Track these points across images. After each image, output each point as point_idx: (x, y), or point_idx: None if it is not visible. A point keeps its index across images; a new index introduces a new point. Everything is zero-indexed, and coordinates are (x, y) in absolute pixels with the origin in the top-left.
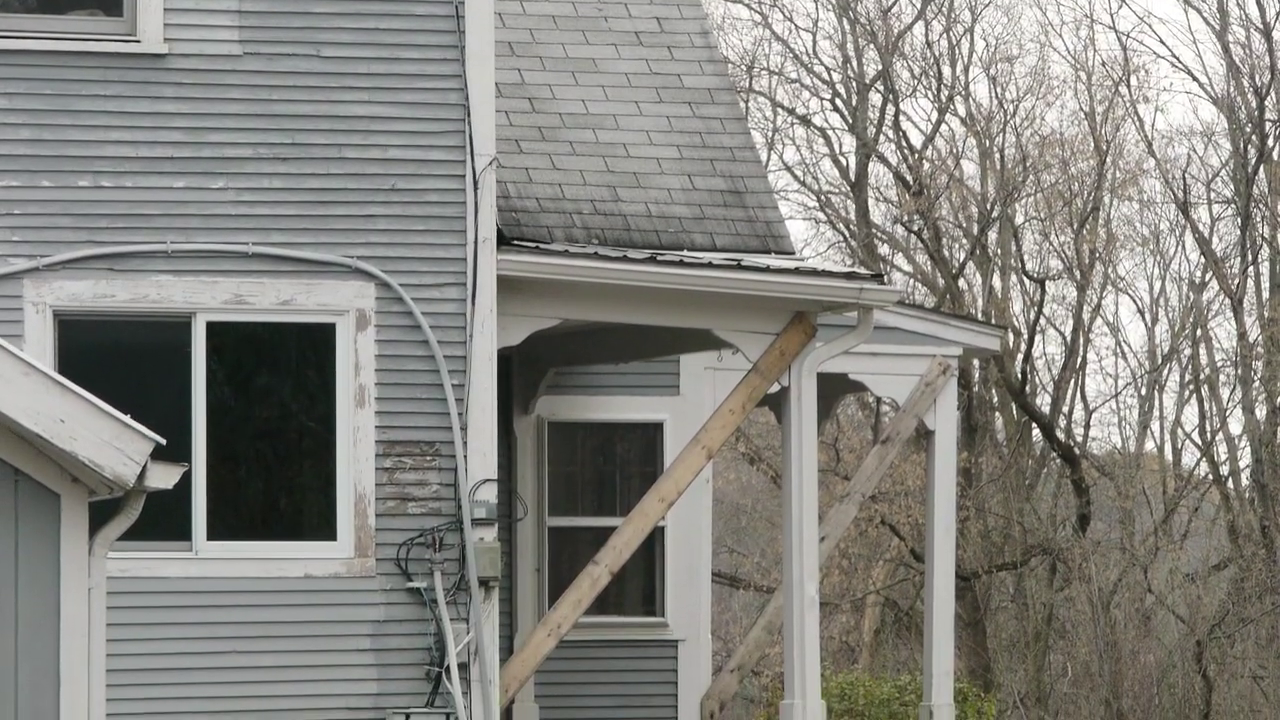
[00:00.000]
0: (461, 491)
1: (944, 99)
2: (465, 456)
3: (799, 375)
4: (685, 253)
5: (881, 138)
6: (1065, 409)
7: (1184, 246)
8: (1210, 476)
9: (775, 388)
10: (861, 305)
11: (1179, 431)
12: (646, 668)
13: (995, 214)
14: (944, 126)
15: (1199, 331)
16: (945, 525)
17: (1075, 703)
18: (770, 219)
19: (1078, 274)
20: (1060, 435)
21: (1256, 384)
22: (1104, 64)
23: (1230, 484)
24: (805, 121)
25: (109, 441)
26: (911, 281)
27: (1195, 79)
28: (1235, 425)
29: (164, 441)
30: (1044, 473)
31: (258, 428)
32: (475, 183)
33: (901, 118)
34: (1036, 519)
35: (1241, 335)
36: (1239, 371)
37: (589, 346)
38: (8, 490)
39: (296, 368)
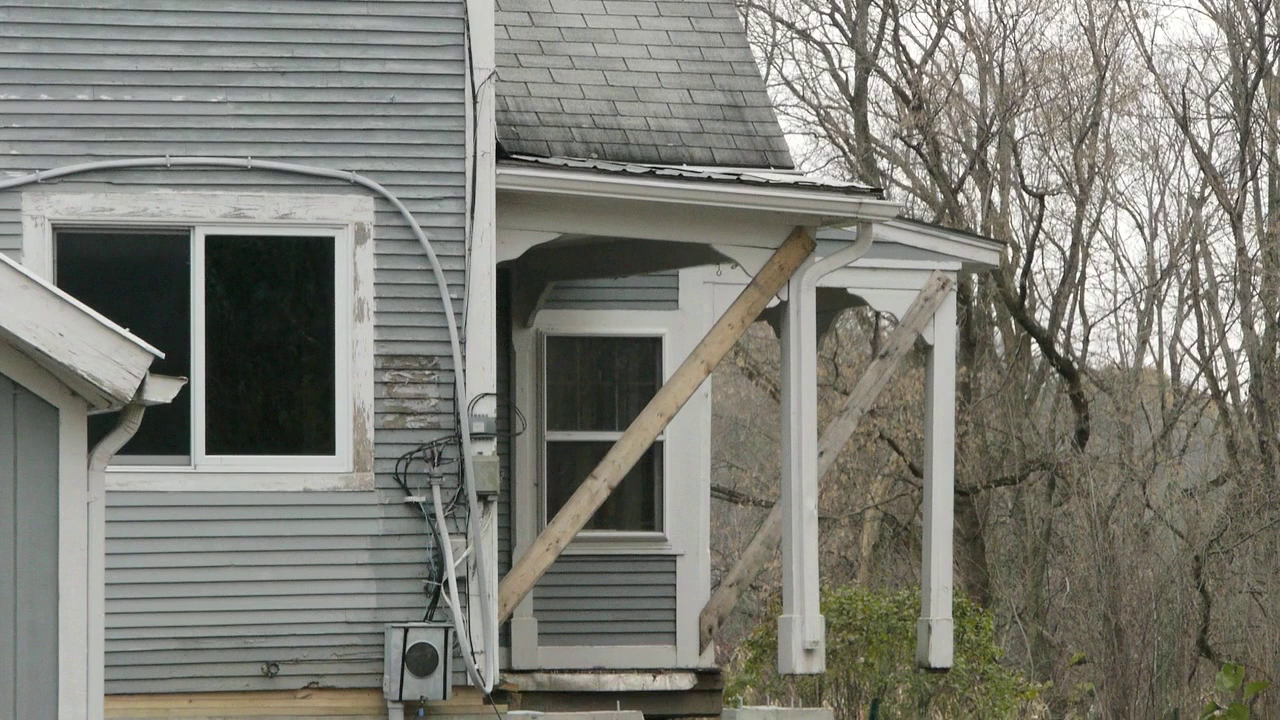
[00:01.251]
0: (460, 406)
1: (943, 13)
2: (464, 371)
3: (798, 290)
4: (684, 167)
5: (881, 52)
6: (1064, 324)
7: (1183, 162)
8: (1209, 391)
9: (774, 302)
10: (860, 220)
11: (1178, 346)
12: (645, 582)
13: (994, 129)
14: (943, 41)
15: (1198, 246)
16: (944, 440)
17: (1073, 617)
18: (769, 134)
19: (1077, 189)
20: (1059, 350)
21: (1255, 299)
22: None
23: (1229, 399)
24: (804, 36)
25: (108, 355)
26: (910, 196)
27: None
28: (1234, 340)
29: (162, 355)
30: (1043, 388)
31: (256, 342)
32: (474, 97)
33: (901, 32)
34: (1035, 434)
35: (1240, 250)
36: (1238, 286)
37: (588, 261)
38: (6, 404)
39: (295, 282)
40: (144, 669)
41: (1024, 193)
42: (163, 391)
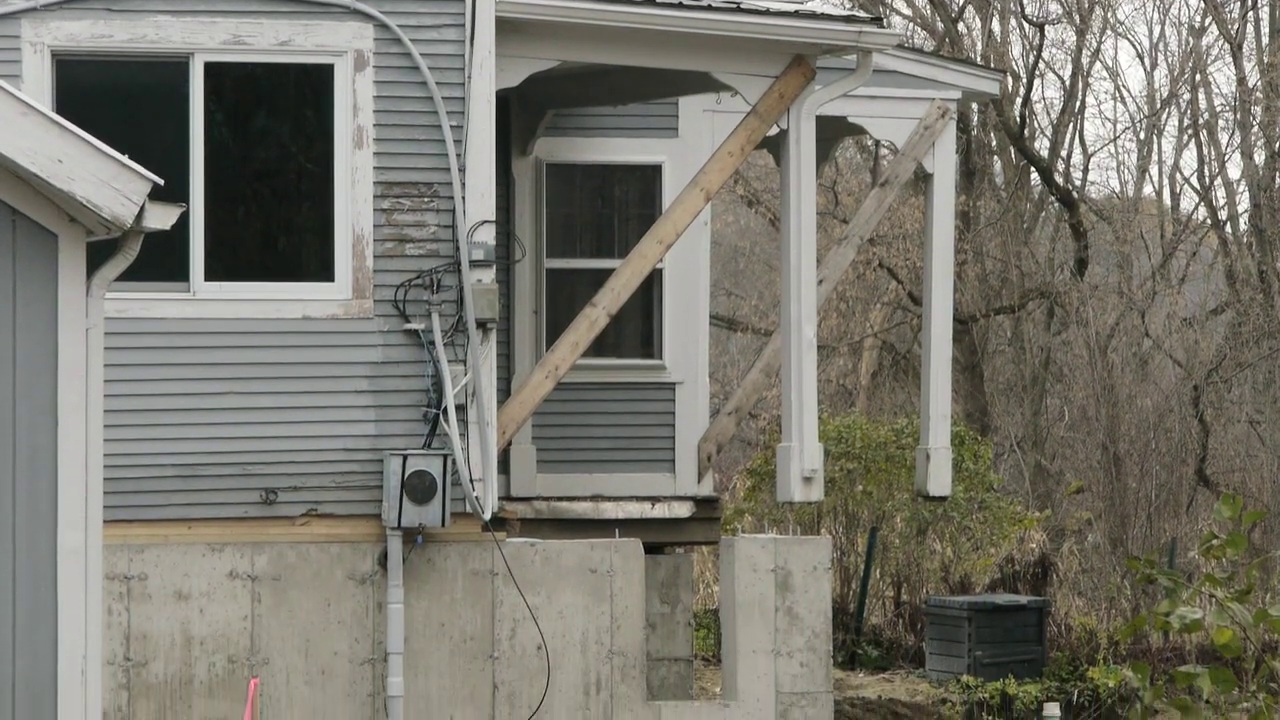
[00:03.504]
0: (459, 233)
1: None
2: (463, 198)
3: (798, 118)
4: None
5: None
6: (1064, 153)
7: None
8: (1208, 221)
9: (774, 130)
10: (860, 48)
11: (1177, 176)
12: (644, 410)
13: None
14: None
15: (1198, 76)
16: (943, 268)
17: (1072, 446)
18: None
19: (1077, 18)
20: (1059, 179)
21: (1255, 129)
22: None
23: (1228, 228)
24: None
25: (106, 181)
26: (910, 26)
27: None
28: (1234, 170)
29: (161, 182)
30: (1042, 216)
31: (256, 169)
32: None
33: None
34: (1034, 262)
35: (1240, 80)
36: (1237, 116)
37: (588, 88)
38: (6, 231)
39: (295, 109)
40: (143, 495)
41: (1024, 22)
42: (161, 218)
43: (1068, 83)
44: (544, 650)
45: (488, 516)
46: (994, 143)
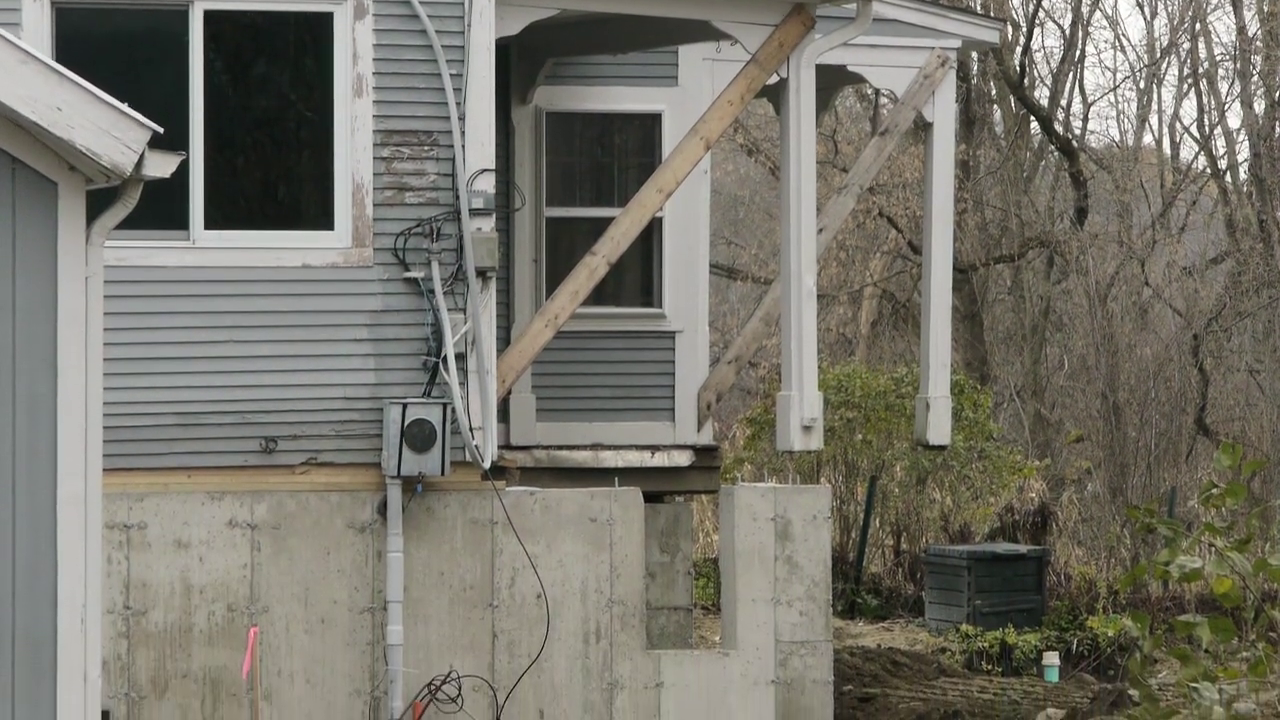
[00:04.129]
0: (459, 181)
1: None
2: (463, 146)
3: (798, 66)
4: None
5: None
6: (1063, 102)
7: None
8: (1208, 170)
9: (774, 79)
10: None
11: (1177, 125)
12: (644, 359)
13: None
14: None
15: (1198, 25)
16: (943, 217)
17: (1071, 395)
18: None
19: None
20: (1058, 128)
21: (1255, 78)
22: None
23: (1228, 178)
24: None
25: (106, 130)
26: None
27: None
28: (1233, 119)
29: (161, 130)
30: (1042, 165)
31: (255, 117)
32: None
33: None
34: (1034, 211)
35: (1240, 29)
36: (1237, 65)
37: (587, 37)
38: (5, 179)
39: (294, 57)
40: (142, 444)
41: None
42: (161, 166)
43: (1067, 31)
44: (543, 599)
45: (487, 465)
46: (994, 92)
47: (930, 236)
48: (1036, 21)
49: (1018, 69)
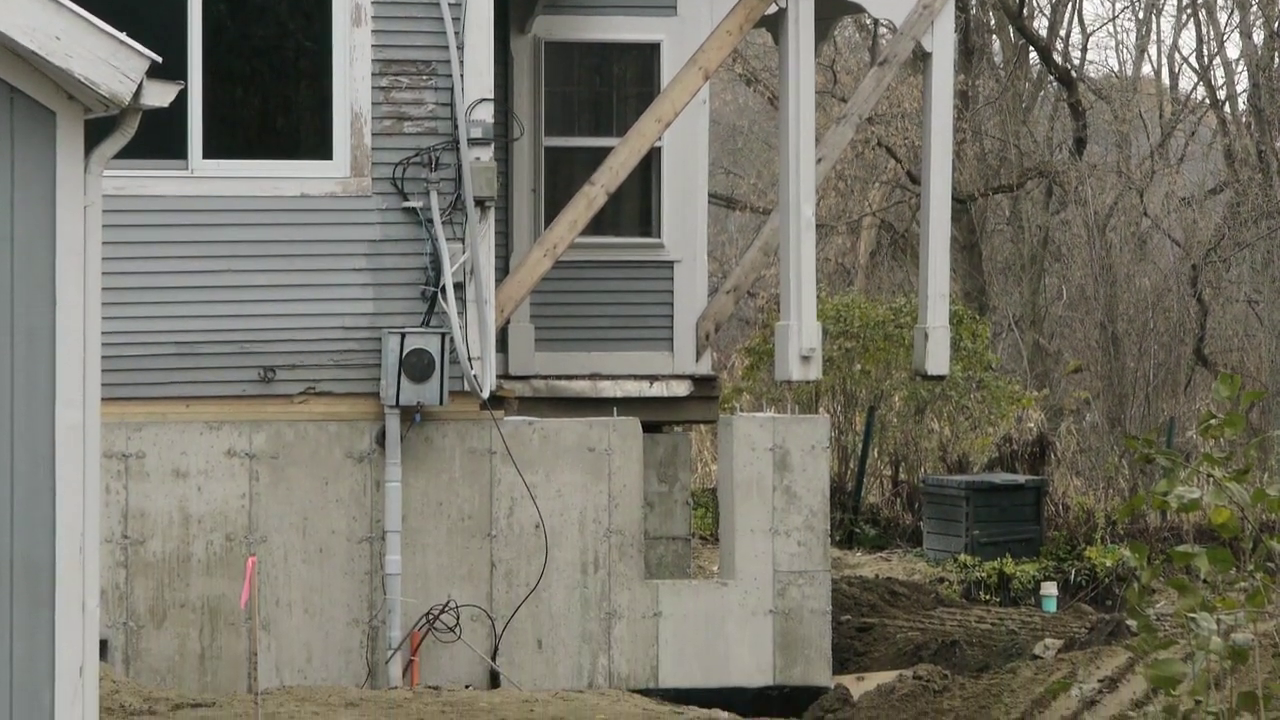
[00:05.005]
0: (458, 111)
1: None
2: (461, 76)
3: None
4: None
5: None
6: (1062, 32)
7: None
8: (1207, 101)
9: (773, 8)
10: None
11: (1176, 55)
12: (642, 289)
13: None
14: None
15: None
16: (941, 147)
17: (1070, 325)
18: None
19: None
20: (1057, 58)
21: (1254, 8)
22: None
23: (1227, 108)
24: None
25: (104, 59)
26: None
27: None
28: (1232, 50)
29: (160, 60)
30: (1040, 96)
31: (254, 46)
32: None
33: None
34: (1033, 142)
35: None
36: None
37: None
38: (3, 108)
39: None
40: (141, 374)
41: None
42: (159, 95)
43: None
44: (542, 529)
45: (486, 395)
46: (992, 22)
47: (929, 167)
48: None
49: None
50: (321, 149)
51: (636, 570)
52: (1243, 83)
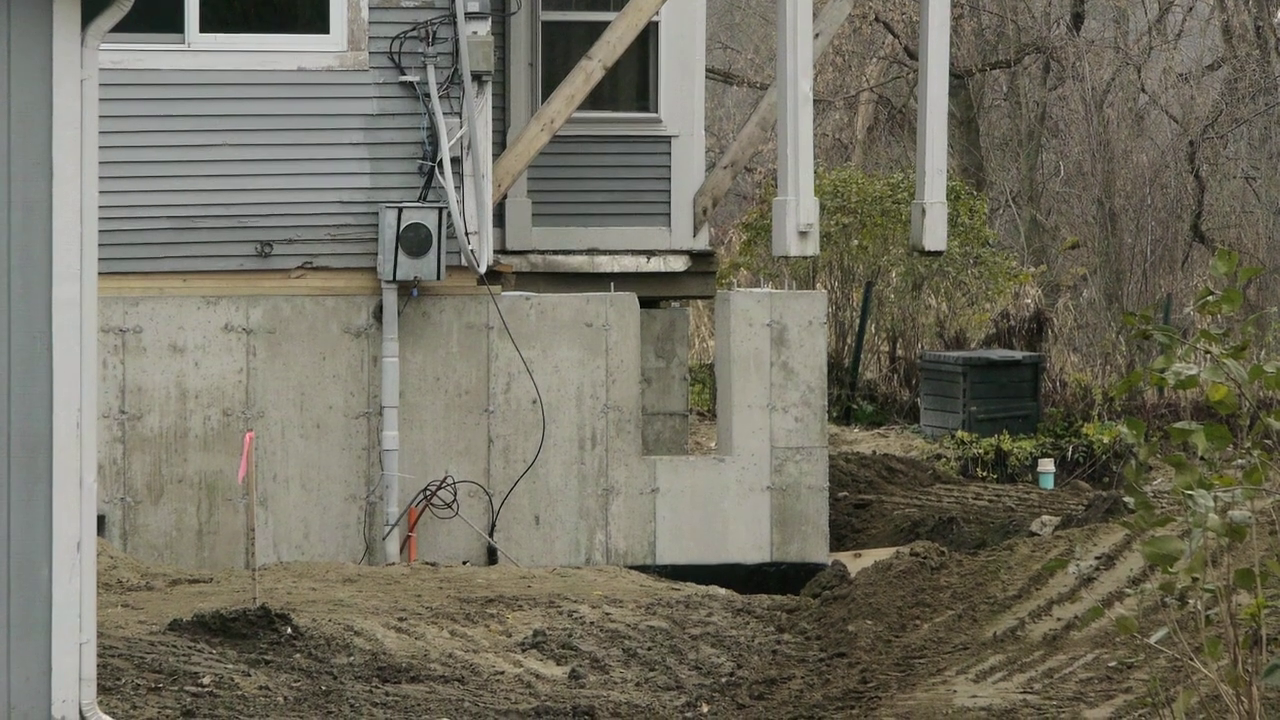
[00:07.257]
0: None
1: None
2: None
3: None
4: None
5: None
6: None
7: None
8: None
9: None
10: None
11: None
12: (640, 163)
13: None
14: None
15: None
16: (939, 22)
17: (1067, 201)
18: None
19: None
20: None
21: None
22: None
23: None
24: None
25: None
26: None
27: None
28: None
29: None
30: None
31: None
32: None
33: None
34: (1030, 17)
35: None
36: None
37: None
38: None
39: None
40: (138, 248)
41: None
42: None
43: None
44: (539, 404)
45: (483, 270)
46: None
47: (926, 41)
48: None
49: None
50: (318, 23)
51: (634, 446)
52: None
